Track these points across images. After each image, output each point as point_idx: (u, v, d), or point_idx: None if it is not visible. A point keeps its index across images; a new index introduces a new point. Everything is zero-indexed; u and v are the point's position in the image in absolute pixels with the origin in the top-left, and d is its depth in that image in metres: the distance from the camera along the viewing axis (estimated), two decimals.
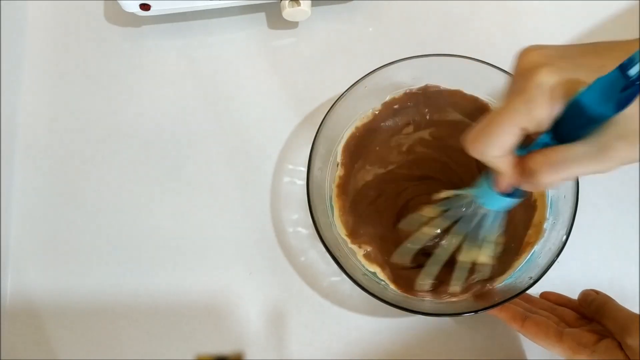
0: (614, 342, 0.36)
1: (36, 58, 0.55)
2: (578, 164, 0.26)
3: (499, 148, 0.28)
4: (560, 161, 0.27)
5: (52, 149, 0.52)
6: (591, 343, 0.36)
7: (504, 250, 0.45)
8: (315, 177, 0.44)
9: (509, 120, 0.27)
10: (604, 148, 0.25)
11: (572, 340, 0.37)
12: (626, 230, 0.49)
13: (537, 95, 0.26)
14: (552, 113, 0.26)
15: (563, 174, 0.27)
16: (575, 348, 0.37)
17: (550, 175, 0.27)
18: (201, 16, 0.55)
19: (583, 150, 0.26)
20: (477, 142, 0.28)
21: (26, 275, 0.49)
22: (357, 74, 0.45)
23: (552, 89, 0.26)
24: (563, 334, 0.38)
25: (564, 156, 0.27)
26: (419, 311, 0.41)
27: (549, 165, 0.27)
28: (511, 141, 0.27)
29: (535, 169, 0.28)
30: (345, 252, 0.45)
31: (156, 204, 0.50)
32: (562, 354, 0.37)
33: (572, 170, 0.27)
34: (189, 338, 0.47)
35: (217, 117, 0.53)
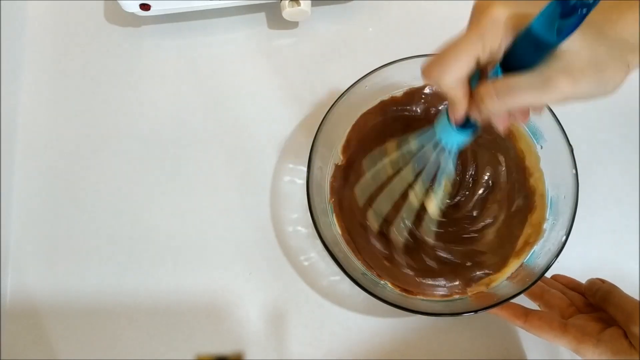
0: (618, 330, 0.36)
1: (36, 58, 0.55)
2: (522, 92, 0.28)
3: (454, 75, 0.29)
4: (506, 88, 0.28)
5: (52, 149, 0.52)
6: (596, 332, 0.37)
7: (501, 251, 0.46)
8: (315, 177, 0.44)
9: (464, 50, 0.28)
10: (547, 80, 0.27)
11: (576, 330, 0.37)
12: (626, 230, 0.49)
13: (490, 26, 0.27)
14: (504, 43, 0.28)
15: (508, 101, 0.28)
16: (580, 338, 0.37)
17: (496, 101, 0.29)
18: (201, 16, 0.55)
19: (528, 80, 0.27)
20: (433, 69, 0.30)
21: (26, 275, 0.49)
22: (357, 74, 0.45)
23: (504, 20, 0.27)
24: (567, 324, 0.38)
25: (509, 84, 0.28)
26: (419, 311, 0.41)
27: (495, 92, 0.28)
28: (465, 70, 0.29)
29: (482, 96, 0.29)
30: (345, 252, 0.45)
31: (156, 203, 0.50)
32: (567, 345, 0.37)
33: (516, 98, 0.28)
34: (189, 338, 0.47)
35: (217, 116, 0.53)
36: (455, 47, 0.29)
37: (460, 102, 0.31)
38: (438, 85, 0.30)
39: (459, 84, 0.30)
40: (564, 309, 0.40)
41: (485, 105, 0.29)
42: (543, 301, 0.42)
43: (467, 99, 0.31)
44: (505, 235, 0.46)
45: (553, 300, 0.41)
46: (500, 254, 0.45)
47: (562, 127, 0.43)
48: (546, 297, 0.41)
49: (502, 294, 0.41)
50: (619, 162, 0.51)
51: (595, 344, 0.36)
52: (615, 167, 0.50)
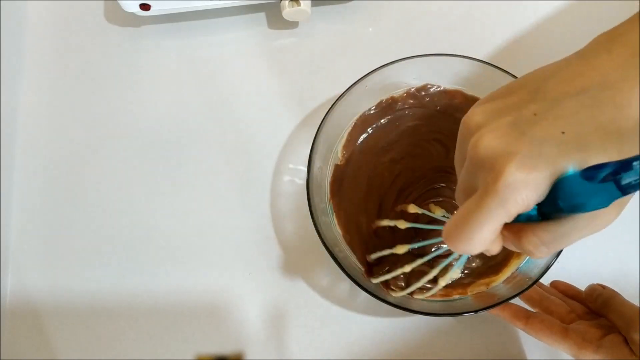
0: (619, 337, 0.36)
1: (36, 58, 0.55)
2: (570, 237, 0.26)
3: (482, 244, 0.26)
4: (554, 239, 0.26)
5: (52, 148, 0.52)
6: (596, 338, 0.36)
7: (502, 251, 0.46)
8: (315, 176, 0.44)
9: (488, 221, 0.25)
10: (596, 220, 0.25)
11: (577, 336, 0.37)
12: (626, 230, 0.49)
13: (510, 195, 0.24)
14: (530, 205, 0.24)
15: (557, 248, 0.27)
16: (581, 344, 0.37)
17: (544, 252, 0.27)
18: (201, 16, 0.55)
19: (573, 225, 0.25)
20: (458, 243, 0.27)
21: (26, 275, 0.49)
22: (357, 74, 0.45)
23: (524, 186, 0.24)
24: (568, 330, 0.38)
25: (556, 235, 0.26)
26: (419, 311, 0.41)
27: (542, 244, 0.26)
28: (493, 235, 0.26)
29: (529, 249, 0.27)
30: (345, 252, 0.45)
31: (156, 203, 0.50)
32: (567, 350, 0.37)
33: (565, 244, 0.26)
34: (189, 338, 0.47)
35: (217, 116, 0.53)
36: (476, 219, 0.25)
37: (495, 251, 0.28)
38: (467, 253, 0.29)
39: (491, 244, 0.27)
40: (563, 315, 0.40)
41: (535, 255, 0.27)
42: (542, 307, 0.41)
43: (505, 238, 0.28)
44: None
45: (552, 307, 0.41)
46: (500, 253, 0.45)
47: None
48: (545, 304, 0.41)
49: (503, 294, 0.41)
50: None
51: (595, 350, 0.36)
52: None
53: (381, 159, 0.48)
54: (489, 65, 0.44)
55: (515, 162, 0.23)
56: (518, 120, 0.25)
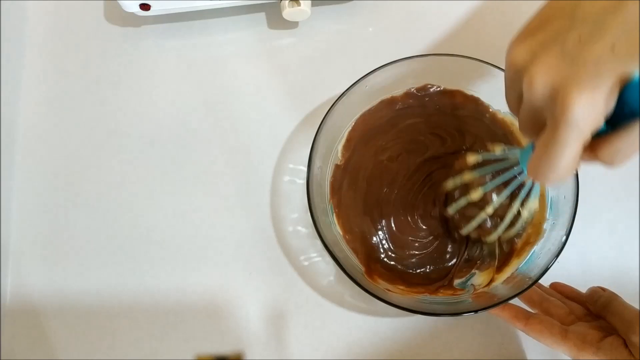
0: (619, 339, 0.36)
1: (36, 58, 0.55)
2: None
3: (568, 170, 0.28)
4: (628, 146, 0.27)
5: (52, 149, 0.52)
6: (596, 340, 0.36)
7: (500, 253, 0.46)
8: (316, 176, 0.44)
9: (567, 148, 0.26)
10: None
11: (576, 337, 0.37)
12: (626, 230, 0.49)
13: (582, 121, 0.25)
14: (601, 121, 0.25)
15: (633, 154, 0.27)
16: (580, 345, 0.37)
17: (622, 159, 0.28)
18: (201, 16, 0.55)
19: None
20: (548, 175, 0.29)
21: (26, 275, 0.49)
22: (357, 74, 0.45)
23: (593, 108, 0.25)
24: (568, 331, 0.38)
25: (629, 141, 0.27)
26: (419, 311, 0.41)
27: (618, 153, 0.27)
28: (575, 160, 0.27)
29: (608, 160, 0.28)
30: (345, 252, 0.45)
31: (156, 203, 0.50)
32: (566, 352, 0.37)
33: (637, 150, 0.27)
34: (189, 338, 0.47)
35: (217, 116, 0.53)
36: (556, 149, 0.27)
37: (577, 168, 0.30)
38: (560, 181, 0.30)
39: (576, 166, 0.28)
40: (562, 317, 0.40)
41: (614, 164, 0.28)
42: (542, 309, 0.41)
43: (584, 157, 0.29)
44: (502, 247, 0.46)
45: (552, 309, 0.41)
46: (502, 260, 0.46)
47: None
48: (545, 305, 0.41)
49: (503, 294, 0.41)
50: None
51: (594, 352, 0.36)
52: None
53: (380, 158, 0.48)
54: (489, 65, 0.44)
55: (577, 88, 0.24)
56: (565, 48, 0.25)
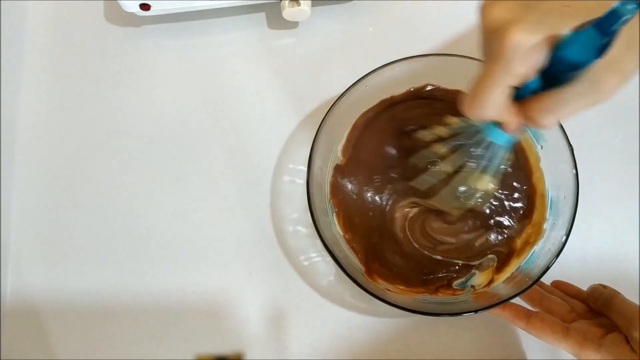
0: (620, 335, 0.36)
1: (36, 58, 0.55)
2: (573, 103, 0.27)
3: (494, 107, 0.29)
4: (556, 104, 0.28)
5: (52, 148, 0.52)
6: (597, 337, 0.37)
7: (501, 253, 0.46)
8: (316, 176, 0.44)
9: (495, 83, 0.28)
10: (594, 83, 0.26)
11: (578, 334, 0.37)
12: (626, 230, 0.49)
13: (514, 56, 0.27)
14: (534, 67, 0.27)
15: (560, 115, 0.28)
16: (582, 342, 0.37)
17: (549, 118, 0.29)
18: (201, 16, 0.55)
19: (575, 90, 0.27)
20: (473, 108, 0.30)
21: (26, 275, 0.49)
22: (357, 74, 0.45)
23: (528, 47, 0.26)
24: (569, 329, 0.38)
25: (557, 100, 0.28)
26: (419, 311, 0.41)
27: (547, 111, 0.29)
28: (502, 98, 0.29)
29: (535, 116, 0.29)
30: (345, 252, 0.45)
31: (156, 203, 0.50)
32: (568, 349, 0.37)
33: (568, 110, 0.28)
34: (189, 338, 0.47)
35: (217, 116, 0.53)
36: (486, 82, 0.28)
37: (510, 121, 0.31)
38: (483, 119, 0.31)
39: (502, 110, 0.30)
40: (564, 315, 0.40)
41: (540, 123, 0.29)
42: (543, 307, 0.41)
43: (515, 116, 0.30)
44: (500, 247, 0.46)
45: (553, 307, 0.41)
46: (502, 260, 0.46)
47: (562, 127, 0.43)
48: (545, 303, 0.41)
49: (503, 294, 0.41)
50: (619, 162, 0.51)
51: (596, 349, 0.36)
52: (615, 167, 0.50)
53: (379, 158, 0.48)
54: None
55: (519, 27, 0.26)
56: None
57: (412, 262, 0.46)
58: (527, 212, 0.46)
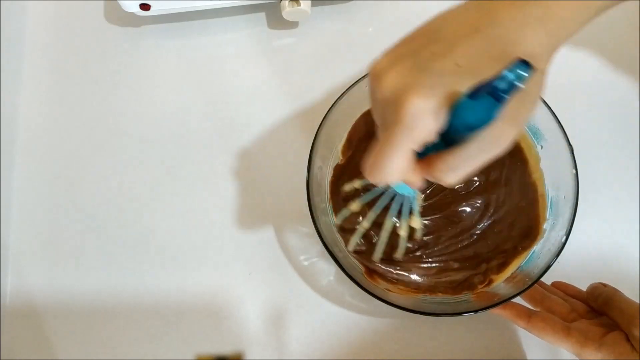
0: (621, 334, 0.36)
1: (36, 58, 0.55)
2: (475, 159, 0.28)
3: (396, 173, 0.29)
4: (460, 163, 0.28)
5: (52, 149, 0.52)
6: (598, 336, 0.37)
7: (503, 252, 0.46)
8: (315, 176, 0.44)
9: (396, 150, 0.27)
10: (496, 138, 0.27)
11: (579, 334, 0.37)
12: (626, 231, 0.49)
13: (414, 123, 0.26)
14: (434, 131, 0.27)
15: (464, 172, 0.28)
16: (583, 342, 0.37)
17: (453, 176, 0.29)
18: (201, 16, 0.55)
19: (477, 146, 0.27)
20: (374, 174, 0.29)
21: (26, 275, 0.49)
22: (357, 74, 0.45)
23: (427, 112, 0.26)
24: (570, 328, 0.38)
25: (461, 158, 0.28)
26: (419, 311, 0.41)
27: (451, 170, 0.28)
28: (404, 163, 0.28)
29: (439, 176, 0.29)
30: (345, 252, 0.45)
31: (156, 203, 0.50)
32: (569, 348, 0.38)
33: (471, 166, 0.28)
34: (189, 338, 0.47)
35: (217, 116, 0.53)
36: (388, 149, 0.28)
37: (414, 181, 0.30)
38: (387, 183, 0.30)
39: (405, 173, 0.29)
40: (564, 315, 0.40)
41: (446, 181, 0.29)
42: (544, 306, 0.41)
43: (419, 175, 0.30)
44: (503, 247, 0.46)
45: (554, 306, 0.41)
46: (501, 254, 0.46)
47: (562, 127, 0.43)
48: (547, 303, 0.41)
49: (503, 294, 0.41)
50: (619, 162, 0.51)
51: (597, 347, 0.36)
52: (615, 167, 0.50)
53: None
54: None
55: (415, 92, 0.26)
56: (418, 60, 0.27)
57: None
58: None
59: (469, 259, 0.46)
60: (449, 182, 0.29)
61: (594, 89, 0.53)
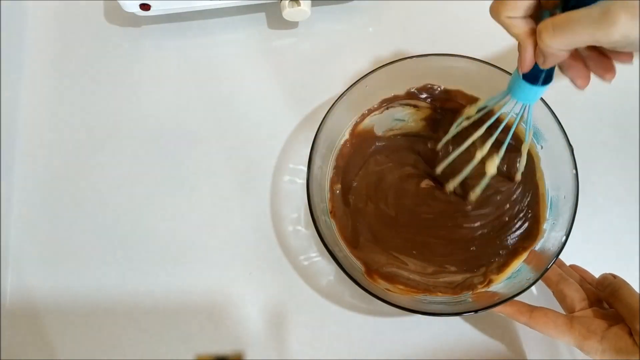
0: (624, 328, 0.36)
1: (36, 58, 0.55)
2: (580, 26, 0.27)
3: (515, 10, 0.30)
4: (563, 22, 0.28)
5: (52, 148, 0.52)
6: (601, 330, 0.37)
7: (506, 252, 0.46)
8: (316, 176, 0.44)
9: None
10: (605, 14, 0.26)
11: (582, 327, 0.37)
12: (626, 231, 0.49)
13: None
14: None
15: (565, 35, 0.28)
16: (586, 334, 0.37)
17: (553, 35, 0.29)
18: (201, 16, 0.55)
19: (586, 13, 0.27)
20: (497, 5, 0.31)
21: (26, 275, 0.49)
22: (357, 74, 0.45)
23: None
24: (573, 322, 0.38)
25: (567, 17, 0.28)
26: (419, 311, 0.41)
27: (553, 27, 0.29)
28: (525, 4, 0.30)
29: (540, 30, 0.29)
30: (345, 251, 0.45)
31: (156, 203, 0.50)
32: (572, 341, 0.38)
33: (573, 32, 0.28)
34: (189, 338, 0.47)
35: (217, 116, 0.53)
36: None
37: (524, 42, 0.31)
38: (499, 21, 0.31)
39: (520, 21, 0.31)
40: (576, 302, 0.40)
41: (543, 41, 0.29)
42: (558, 289, 0.41)
43: (533, 40, 0.31)
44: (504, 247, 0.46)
45: (567, 291, 0.41)
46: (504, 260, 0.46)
47: (562, 127, 0.43)
48: (561, 287, 0.41)
49: (503, 293, 0.41)
50: (619, 162, 0.51)
51: (599, 340, 0.36)
52: (615, 167, 0.50)
53: (380, 157, 0.48)
54: (489, 65, 0.44)
55: None
56: None
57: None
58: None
59: (468, 261, 0.46)
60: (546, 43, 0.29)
61: (594, 89, 0.52)
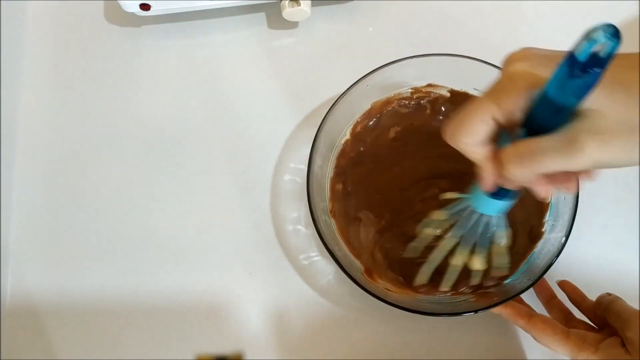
0: (617, 339, 0.36)
1: (36, 58, 0.55)
2: (545, 156, 0.26)
3: (472, 136, 0.28)
4: (528, 152, 0.26)
5: (52, 149, 0.52)
6: (595, 342, 0.37)
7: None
8: (316, 176, 0.44)
9: (480, 109, 0.28)
10: (572, 142, 0.25)
11: (578, 338, 0.37)
12: (626, 231, 0.49)
13: (506, 84, 0.27)
14: (520, 103, 0.26)
15: (531, 166, 0.27)
16: (581, 346, 0.37)
17: (518, 166, 0.27)
18: (201, 16, 0.55)
19: (551, 142, 0.26)
20: (451, 131, 0.29)
21: (26, 275, 0.49)
22: (357, 74, 0.45)
23: (520, 80, 0.26)
24: (570, 332, 0.38)
25: (531, 147, 0.26)
26: (419, 311, 0.41)
27: (517, 157, 0.27)
28: (484, 130, 0.28)
29: (505, 160, 0.27)
30: (345, 251, 0.45)
31: (156, 203, 0.50)
32: (566, 352, 0.38)
33: (540, 163, 0.26)
34: (189, 338, 0.47)
35: (217, 116, 0.53)
36: (472, 107, 0.28)
37: (484, 166, 0.30)
38: (458, 147, 0.29)
39: (480, 146, 0.29)
40: (564, 319, 0.41)
41: (507, 171, 0.27)
42: (549, 306, 0.42)
43: (492, 164, 0.29)
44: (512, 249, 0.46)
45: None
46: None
47: None
48: (552, 303, 0.42)
49: (502, 294, 0.41)
50: None
51: (593, 352, 0.36)
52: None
53: (379, 157, 0.48)
54: (489, 65, 0.44)
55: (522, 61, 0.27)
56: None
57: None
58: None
59: None
60: (511, 171, 0.27)
61: None
